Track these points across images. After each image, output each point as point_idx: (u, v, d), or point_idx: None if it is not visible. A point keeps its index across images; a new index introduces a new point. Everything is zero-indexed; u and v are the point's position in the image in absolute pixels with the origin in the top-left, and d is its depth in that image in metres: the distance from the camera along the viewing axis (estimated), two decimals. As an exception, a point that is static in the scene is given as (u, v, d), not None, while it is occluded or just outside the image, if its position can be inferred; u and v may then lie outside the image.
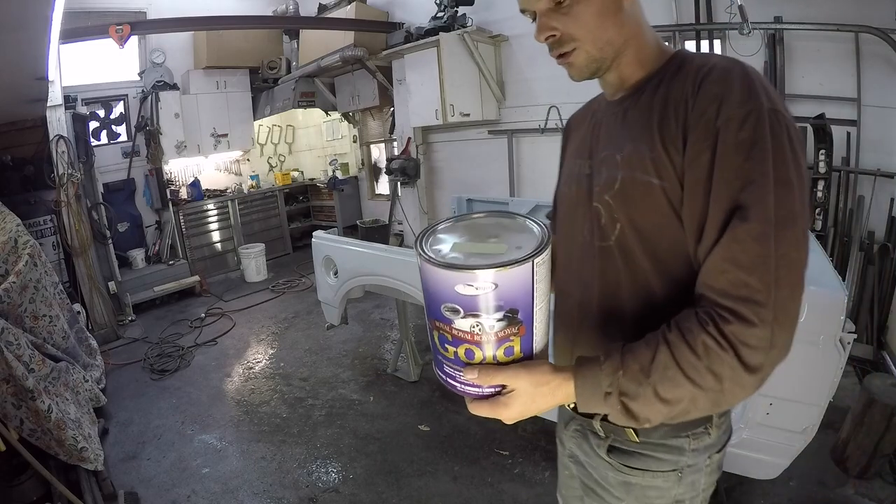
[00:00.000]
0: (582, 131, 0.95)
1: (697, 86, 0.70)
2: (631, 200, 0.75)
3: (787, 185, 0.63)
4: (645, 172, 0.73)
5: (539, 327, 0.68)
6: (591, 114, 0.94)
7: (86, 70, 5.36)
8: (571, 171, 0.93)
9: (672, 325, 0.67)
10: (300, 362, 3.81)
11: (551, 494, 2.22)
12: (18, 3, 1.96)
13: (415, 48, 4.78)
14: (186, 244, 5.96)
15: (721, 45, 3.59)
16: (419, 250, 0.67)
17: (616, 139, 0.81)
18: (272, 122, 7.12)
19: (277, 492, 2.43)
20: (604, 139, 0.85)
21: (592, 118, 0.92)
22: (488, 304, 0.62)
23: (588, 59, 0.77)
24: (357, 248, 2.93)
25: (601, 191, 0.80)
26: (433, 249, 0.68)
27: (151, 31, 5.16)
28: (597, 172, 0.83)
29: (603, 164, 0.82)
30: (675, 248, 0.73)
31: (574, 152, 0.96)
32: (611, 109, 0.85)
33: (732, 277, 0.63)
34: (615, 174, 0.78)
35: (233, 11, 5.95)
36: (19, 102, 3.76)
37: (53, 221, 4.39)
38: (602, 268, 0.82)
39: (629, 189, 0.75)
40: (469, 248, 0.68)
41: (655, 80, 0.78)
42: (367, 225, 6.11)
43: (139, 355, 4.11)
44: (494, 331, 0.65)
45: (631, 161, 0.75)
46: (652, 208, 0.73)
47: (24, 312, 2.62)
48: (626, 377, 0.67)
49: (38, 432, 2.29)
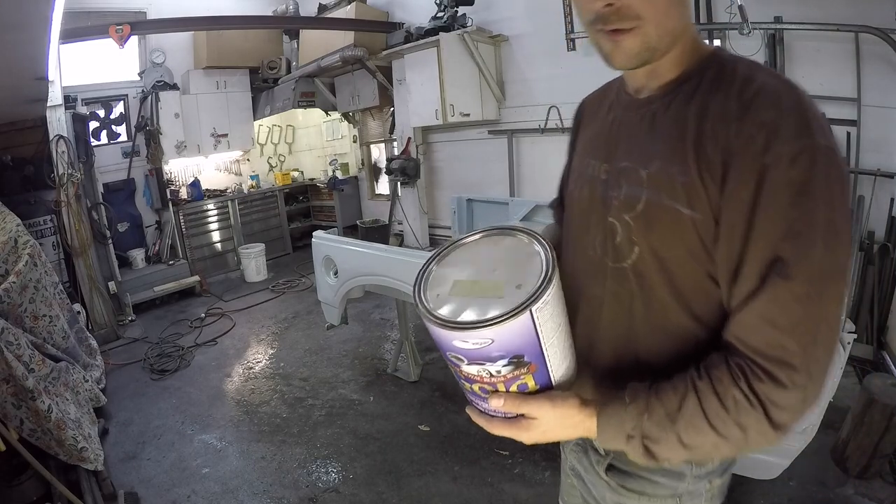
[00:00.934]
0: (597, 124, 0.86)
1: (744, 106, 0.61)
2: (655, 227, 0.68)
3: (835, 235, 0.57)
4: (674, 199, 0.65)
5: (554, 360, 0.66)
6: (609, 106, 0.84)
7: (86, 70, 5.36)
8: (584, 170, 0.84)
9: (702, 372, 0.63)
10: (300, 362, 3.81)
11: (551, 494, 2.21)
12: (18, 3, 1.96)
13: (415, 48, 4.78)
14: (186, 244, 5.96)
15: (721, 45, 3.59)
16: (417, 299, 0.66)
17: (640, 149, 0.72)
18: (272, 122, 7.12)
19: (277, 492, 2.43)
20: (625, 144, 0.75)
21: (610, 112, 0.82)
22: (488, 355, 0.61)
23: (644, 45, 0.65)
24: (357, 248, 2.93)
25: (620, 208, 0.72)
26: (431, 295, 0.66)
27: (151, 31, 5.16)
28: (614, 182, 0.75)
29: (623, 175, 0.73)
30: (699, 283, 0.67)
31: (587, 148, 0.87)
32: (634, 109, 0.75)
33: (769, 338, 0.59)
34: (638, 193, 0.69)
35: (233, 11, 5.94)
36: (19, 102, 3.75)
37: (53, 221, 4.39)
38: (614, 290, 0.75)
39: (654, 214, 0.68)
40: (468, 289, 0.65)
41: (690, 85, 0.68)
42: (367, 225, 6.10)
43: (139, 355, 4.11)
44: (502, 374, 0.64)
45: (658, 182, 0.67)
46: (678, 239, 0.66)
47: (24, 312, 2.62)
48: (651, 422, 0.65)
49: (38, 432, 2.29)
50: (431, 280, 0.69)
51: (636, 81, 0.76)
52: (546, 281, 0.61)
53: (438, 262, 0.72)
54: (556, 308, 0.64)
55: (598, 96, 0.93)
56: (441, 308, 0.63)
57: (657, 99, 0.72)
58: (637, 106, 0.75)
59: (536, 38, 4.58)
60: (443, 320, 0.61)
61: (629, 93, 0.78)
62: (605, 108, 0.85)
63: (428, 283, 0.69)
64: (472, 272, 0.68)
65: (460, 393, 0.73)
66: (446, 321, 0.61)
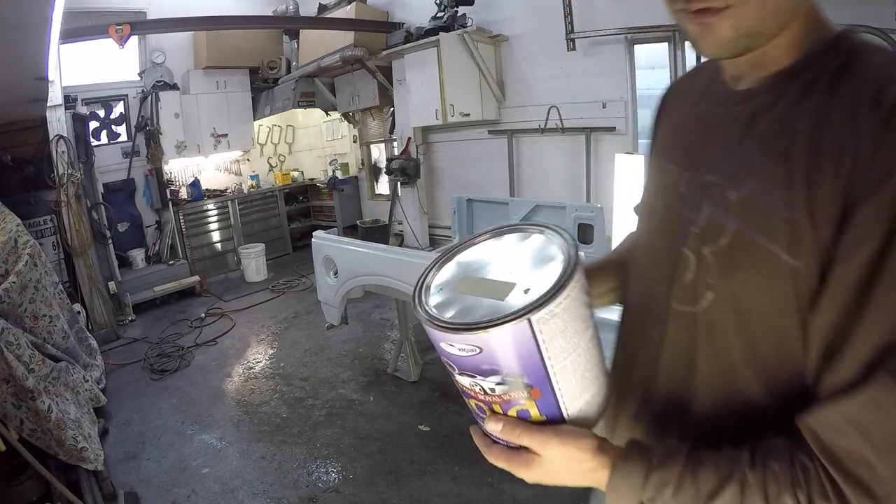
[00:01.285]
0: (680, 117, 0.70)
1: (882, 119, 0.45)
2: (740, 270, 0.53)
3: None
4: (771, 238, 0.50)
5: (567, 389, 0.54)
6: (698, 94, 0.67)
7: (86, 70, 5.36)
8: (660, 178, 0.68)
9: (758, 460, 0.50)
10: (300, 362, 3.81)
11: (551, 495, 2.22)
12: (18, 3, 1.96)
13: (415, 48, 4.78)
14: (186, 244, 5.95)
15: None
16: (415, 289, 0.58)
17: (732, 160, 0.56)
18: (272, 122, 7.12)
19: (277, 492, 2.43)
20: (713, 150, 0.59)
21: (699, 103, 0.66)
22: (478, 367, 0.51)
23: (740, 28, 0.50)
24: (357, 248, 2.93)
25: (700, 237, 0.57)
26: (433, 286, 0.58)
27: (151, 31, 5.17)
28: (694, 200, 0.59)
29: (706, 193, 0.58)
30: (784, 346, 0.52)
31: (666, 147, 0.71)
32: (729, 103, 0.59)
33: (854, 450, 0.45)
34: (723, 221, 0.54)
35: (233, 11, 5.94)
36: (19, 102, 3.75)
37: (53, 221, 4.39)
38: (675, 338, 0.61)
39: (741, 254, 0.53)
40: (472, 287, 0.56)
41: (805, 78, 0.52)
42: (367, 225, 6.11)
43: (139, 355, 4.11)
44: (496, 393, 0.53)
45: (752, 211, 0.52)
46: (767, 290, 0.51)
47: (24, 312, 2.62)
48: (675, 499, 0.52)
49: (38, 432, 2.29)
50: (441, 272, 0.61)
51: (735, 67, 0.60)
52: (557, 288, 0.49)
53: (455, 254, 0.64)
54: (574, 325, 0.52)
55: (687, 80, 0.75)
56: (432, 300, 0.56)
57: (760, 93, 0.56)
58: (733, 100, 0.59)
59: (536, 38, 4.58)
60: (427, 315, 0.53)
61: (725, 81, 0.62)
62: (692, 96, 0.68)
63: (435, 274, 0.61)
64: (485, 269, 0.59)
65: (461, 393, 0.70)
66: (430, 317, 0.52)
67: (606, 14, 4.03)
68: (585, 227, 3.16)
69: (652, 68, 5.18)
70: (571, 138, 4.48)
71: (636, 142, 4.24)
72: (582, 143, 4.38)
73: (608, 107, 4.19)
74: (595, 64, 4.21)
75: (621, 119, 4.16)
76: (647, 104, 5.65)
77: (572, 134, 4.44)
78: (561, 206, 3.34)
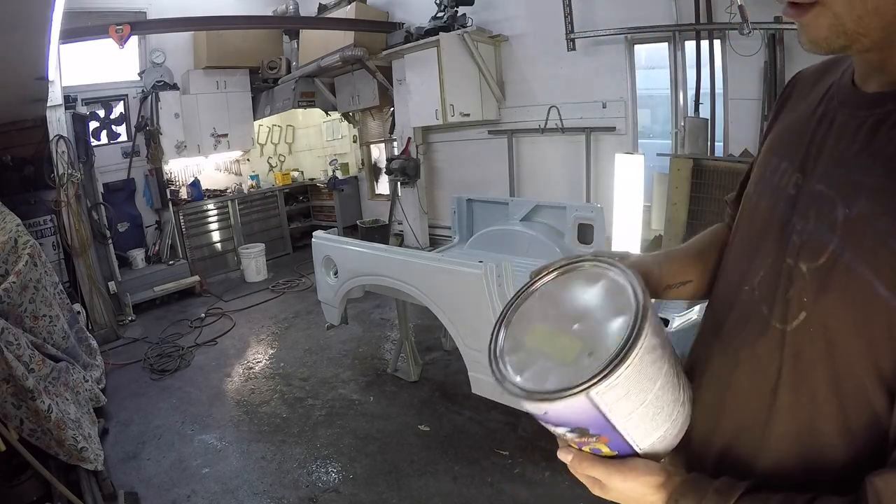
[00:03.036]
0: (801, 111, 0.63)
1: None
2: (832, 295, 0.48)
3: None
4: (872, 267, 0.45)
5: (637, 432, 0.54)
6: (826, 90, 0.60)
7: (86, 70, 5.35)
8: (769, 173, 0.63)
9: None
10: (300, 362, 3.81)
11: (551, 495, 2.22)
12: (18, 3, 1.96)
13: (415, 48, 4.79)
14: (186, 244, 5.95)
15: (721, 45, 3.59)
16: (491, 336, 0.59)
17: (846, 172, 0.51)
18: (272, 122, 7.12)
19: (277, 492, 2.43)
20: (830, 156, 0.54)
21: (824, 100, 0.59)
22: (545, 420, 0.54)
23: (833, 27, 0.47)
24: (357, 248, 2.93)
25: (801, 249, 0.52)
26: (508, 336, 0.59)
27: (151, 31, 5.17)
28: (803, 208, 0.54)
29: (815, 203, 0.53)
30: (869, 389, 0.47)
31: (780, 142, 0.65)
32: (855, 108, 0.54)
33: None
34: (826, 239, 0.50)
35: (233, 11, 5.94)
36: (19, 102, 3.75)
37: (53, 221, 4.39)
38: (759, 356, 0.56)
39: (837, 278, 0.48)
40: (542, 340, 0.56)
41: None
42: (367, 225, 6.11)
43: (139, 355, 4.11)
44: (568, 438, 0.56)
45: (858, 233, 0.47)
46: (858, 323, 0.46)
47: (24, 312, 2.62)
48: None
49: (38, 432, 2.29)
50: (516, 316, 0.61)
51: (866, 67, 0.54)
52: (619, 358, 0.48)
53: (528, 296, 0.63)
54: (640, 384, 0.51)
55: (818, 71, 0.67)
56: (507, 357, 0.56)
57: (888, 100, 0.50)
58: (859, 103, 0.53)
59: (536, 38, 4.58)
60: (498, 374, 0.54)
61: (855, 81, 0.56)
62: (820, 90, 0.62)
63: (511, 319, 0.61)
64: (553, 319, 0.58)
65: (460, 392, 0.71)
66: (500, 376, 0.54)
67: (606, 14, 4.03)
68: (585, 227, 3.16)
69: (652, 68, 5.18)
70: (571, 138, 4.48)
71: (636, 142, 4.24)
72: (582, 143, 4.38)
73: (608, 107, 4.20)
74: (595, 64, 4.21)
75: (621, 119, 4.16)
76: (647, 104, 5.65)
77: (572, 134, 4.45)
78: (561, 206, 3.35)
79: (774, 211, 0.59)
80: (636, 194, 3.61)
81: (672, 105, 3.99)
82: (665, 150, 4.03)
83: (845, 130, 0.53)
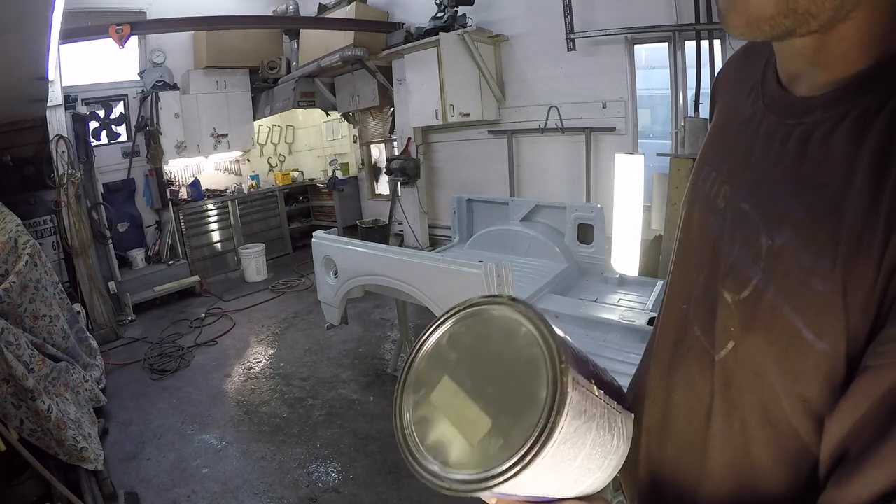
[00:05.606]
0: (725, 114, 0.59)
1: None
2: (757, 331, 0.45)
3: None
4: (796, 308, 0.41)
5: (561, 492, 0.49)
6: (752, 86, 0.54)
7: (86, 70, 5.36)
8: (702, 184, 0.58)
9: None
10: (300, 362, 3.81)
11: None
12: (18, 3, 1.96)
13: (415, 48, 4.79)
14: (186, 244, 5.96)
15: (721, 45, 3.59)
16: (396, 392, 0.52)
17: (771, 192, 0.46)
18: (272, 122, 7.13)
19: (277, 492, 2.43)
20: (755, 169, 0.49)
21: (749, 97, 0.53)
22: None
23: (781, 5, 0.38)
24: (357, 248, 2.92)
25: (727, 277, 0.49)
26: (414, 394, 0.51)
27: (151, 31, 5.16)
28: (730, 226, 0.50)
29: (739, 225, 0.49)
30: (798, 420, 0.44)
31: (710, 147, 0.60)
32: (781, 113, 0.48)
33: None
34: (751, 271, 0.46)
35: (233, 11, 5.95)
36: (19, 102, 3.75)
37: (53, 221, 4.39)
38: (692, 375, 0.53)
39: (762, 314, 0.44)
40: (448, 404, 0.48)
41: (877, 94, 0.39)
42: (367, 225, 6.11)
43: (139, 355, 4.11)
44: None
45: (780, 270, 0.43)
46: (784, 361, 0.43)
47: (24, 312, 2.62)
48: None
49: (38, 432, 2.29)
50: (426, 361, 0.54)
51: (791, 63, 0.47)
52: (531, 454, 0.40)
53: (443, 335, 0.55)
54: (559, 462, 0.44)
55: (738, 62, 0.60)
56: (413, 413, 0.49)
57: (817, 107, 0.43)
58: (787, 108, 0.47)
59: (536, 38, 4.58)
60: (402, 441, 0.48)
61: (780, 79, 0.49)
62: (744, 87, 0.55)
63: (420, 365, 0.54)
64: (462, 373, 0.49)
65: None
66: (405, 444, 0.47)
67: (606, 14, 4.04)
68: (585, 227, 3.16)
69: (652, 68, 5.19)
70: (571, 138, 4.48)
71: (636, 142, 4.24)
72: (582, 143, 4.38)
73: (608, 107, 4.20)
74: (595, 64, 4.21)
75: (621, 119, 4.16)
76: (647, 104, 5.66)
77: (572, 134, 4.45)
78: (561, 206, 3.35)
79: (705, 226, 0.55)
80: (636, 194, 3.61)
81: (672, 105, 3.99)
82: (665, 150, 4.04)
83: (773, 141, 0.47)
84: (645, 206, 3.71)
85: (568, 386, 0.42)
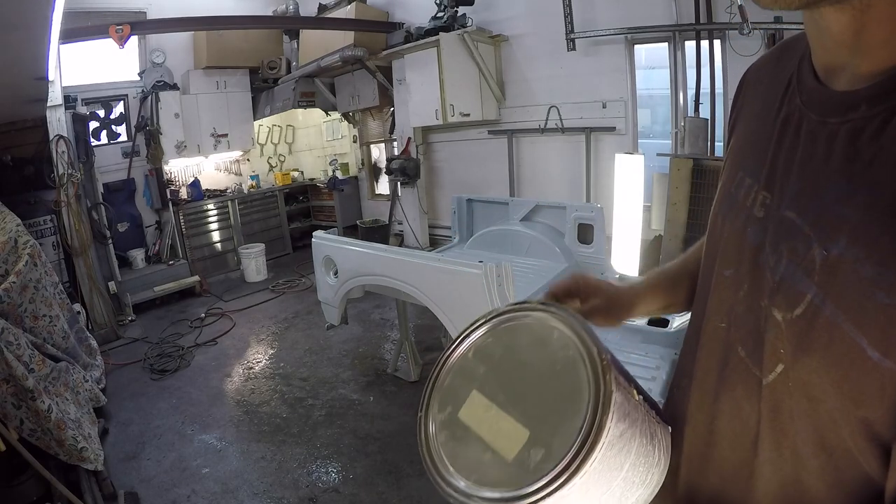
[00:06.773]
0: (758, 115, 0.54)
1: None
2: (813, 353, 0.41)
3: None
4: (858, 325, 0.37)
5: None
6: (786, 84, 0.50)
7: (86, 70, 5.36)
8: (735, 191, 0.54)
9: None
10: (300, 362, 3.81)
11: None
12: (18, 3, 1.96)
13: (415, 48, 4.79)
14: (186, 244, 5.96)
15: (721, 45, 3.59)
16: (423, 401, 0.49)
17: (821, 198, 0.42)
18: (272, 122, 7.13)
19: (277, 492, 2.43)
20: (799, 170, 0.45)
21: (786, 98, 0.49)
22: None
23: None
24: (357, 248, 2.92)
25: (775, 293, 0.45)
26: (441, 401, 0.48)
27: (151, 31, 5.16)
28: (773, 240, 0.46)
29: (785, 236, 0.45)
30: (860, 456, 0.40)
31: (741, 152, 0.56)
32: (823, 108, 0.44)
33: None
34: (804, 286, 0.42)
35: (233, 11, 5.95)
36: (19, 102, 3.75)
37: (53, 221, 4.39)
38: (738, 399, 0.49)
39: (818, 333, 0.40)
40: (479, 417, 0.45)
41: None
42: (367, 225, 6.11)
43: (139, 355, 4.11)
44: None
45: (838, 283, 0.39)
46: (845, 384, 0.39)
47: (24, 312, 2.62)
48: None
49: (38, 432, 2.29)
50: (451, 376, 0.50)
51: (828, 54, 0.43)
52: (575, 464, 0.38)
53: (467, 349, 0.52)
54: (604, 475, 0.42)
55: (769, 63, 0.56)
56: (440, 433, 0.47)
57: (862, 100, 0.40)
58: (828, 105, 0.43)
59: (536, 38, 4.58)
60: (427, 455, 0.45)
61: (817, 74, 0.46)
62: (778, 87, 0.51)
63: (444, 381, 0.51)
64: (493, 386, 0.46)
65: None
66: (430, 459, 0.45)
67: (606, 14, 4.04)
68: (585, 227, 3.16)
69: (652, 68, 5.18)
70: (571, 138, 4.48)
71: (636, 142, 4.24)
72: (582, 143, 4.38)
73: (608, 107, 4.20)
74: (595, 64, 4.21)
75: (621, 119, 4.16)
76: (647, 104, 5.65)
77: (572, 134, 4.45)
78: (561, 206, 3.35)
79: (744, 237, 0.50)
80: (636, 194, 3.61)
81: (672, 105, 3.99)
82: (665, 150, 4.04)
83: (816, 141, 0.43)
84: (645, 206, 3.71)
85: (612, 384, 0.40)
